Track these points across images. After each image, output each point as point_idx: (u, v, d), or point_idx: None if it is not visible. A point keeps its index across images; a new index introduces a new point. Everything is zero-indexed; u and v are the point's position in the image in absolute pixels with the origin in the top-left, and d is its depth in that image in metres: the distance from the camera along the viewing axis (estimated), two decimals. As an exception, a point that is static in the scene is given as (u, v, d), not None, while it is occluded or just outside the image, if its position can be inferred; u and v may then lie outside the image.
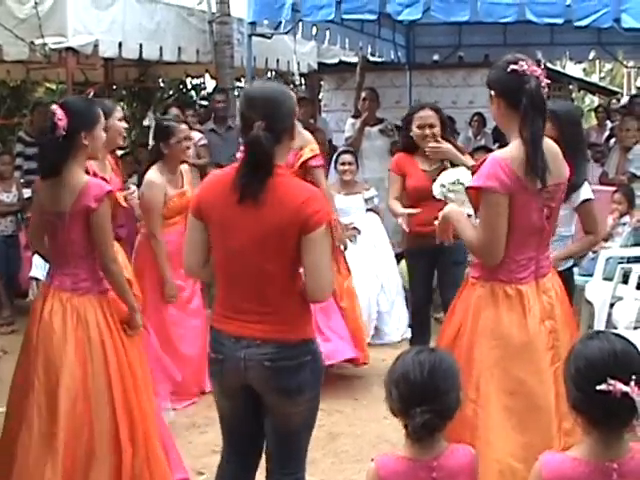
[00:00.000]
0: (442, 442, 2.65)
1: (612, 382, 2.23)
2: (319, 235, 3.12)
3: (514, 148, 3.43)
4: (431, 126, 5.83)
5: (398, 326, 7.35)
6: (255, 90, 3.34)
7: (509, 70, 3.40)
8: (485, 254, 3.47)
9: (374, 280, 7.37)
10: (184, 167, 5.92)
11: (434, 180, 4.76)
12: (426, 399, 2.52)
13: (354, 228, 7.29)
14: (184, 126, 5.87)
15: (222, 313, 3.32)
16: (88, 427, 3.90)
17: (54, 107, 3.93)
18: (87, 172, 4.26)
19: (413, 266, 6.23)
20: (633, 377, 2.23)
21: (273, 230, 3.12)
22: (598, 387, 2.24)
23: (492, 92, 3.50)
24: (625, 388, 2.23)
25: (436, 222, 3.86)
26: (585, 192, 4.44)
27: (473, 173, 3.58)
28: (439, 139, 5.79)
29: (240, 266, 3.21)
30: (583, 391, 2.30)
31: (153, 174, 5.65)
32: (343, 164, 7.42)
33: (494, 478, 3.31)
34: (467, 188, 3.55)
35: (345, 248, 6.43)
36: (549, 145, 3.49)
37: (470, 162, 5.47)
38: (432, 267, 5.98)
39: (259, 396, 3.32)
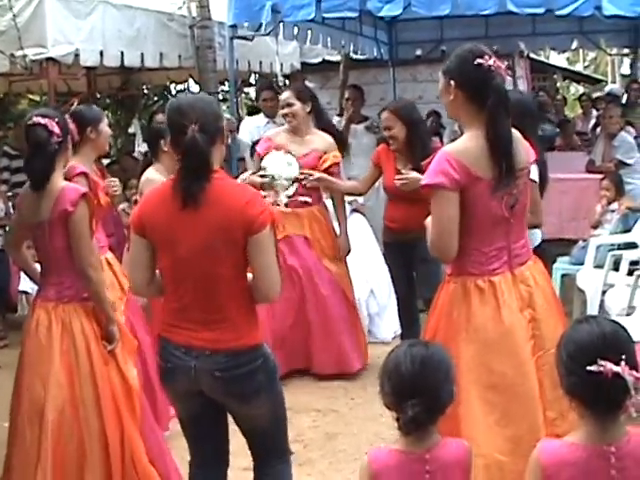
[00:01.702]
0: (436, 435, 2.65)
1: (603, 363, 2.23)
2: (265, 236, 3.20)
3: (467, 140, 3.40)
4: (388, 128, 5.85)
5: (390, 325, 7.29)
6: (181, 99, 3.44)
7: (475, 63, 3.35)
8: (437, 249, 3.44)
9: (364, 285, 7.32)
10: None
11: None
12: (417, 392, 2.53)
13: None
14: None
15: (170, 322, 3.35)
16: (77, 435, 3.90)
17: (37, 120, 3.93)
18: (86, 175, 4.33)
19: (391, 261, 6.35)
20: (623, 357, 2.24)
21: (218, 232, 3.17)
22: (589, 368, 2.24)
23: (451, 82, 3.43)
24: (616, 368, 2.23)
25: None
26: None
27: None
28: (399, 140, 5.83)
29: (188, 273, 3.24)
30: (575, 374, 2.31)
31: (150, 172, 5.62)
32: None
33: (480, 473, 3.26)
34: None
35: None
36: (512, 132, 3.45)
37: None
38: (407, 260, 6.02)
39: (217, 402, 3.38)
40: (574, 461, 2.33)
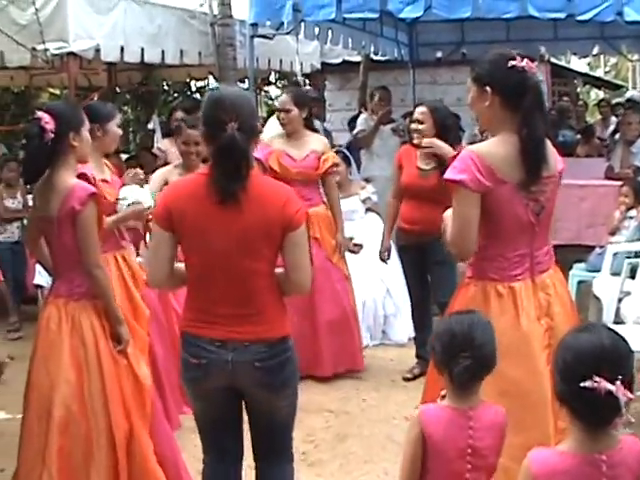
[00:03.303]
0: (478, 396, 2.86)
1: (597, 379, 2.19)
2: (301, 232, 3.30)
3: (495, 143, 3.37)
4: (419, 122, 5.86)
5: (405, 327, 7.25)
6: (221, 92, 3.44)
7: (509, 66, 3.31)
8: (455, 246, 3.42)
9: (380, 284, 7.32)
10: None
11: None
12: (467, 347, 2.77)
13: (356, 244, 7.24)
14: (191, 131, 5.83)
15: (199, 318, 3.35)
16: (84, 433, 3.89)
17: (39, 113, 3.93)
18: (86, 177, 4.27)
19: (404, 262, 6.36)
20: (619, 377, 2.19)
21: (258, 229, 3.22)
22: (583, 384, 2.20)
23: (487, 88, 3.37)
24: (610, 387, 2.18)
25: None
26: None
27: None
28: (426, 138, 5.82)
29: (221, 269, 3.26)
30: (568, 384, 2.27)
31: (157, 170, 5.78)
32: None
33: None
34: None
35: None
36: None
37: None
38: (422, 263, 6.01)
39: (240, 397, 3.43)
40: (565, 470, 2.30)
